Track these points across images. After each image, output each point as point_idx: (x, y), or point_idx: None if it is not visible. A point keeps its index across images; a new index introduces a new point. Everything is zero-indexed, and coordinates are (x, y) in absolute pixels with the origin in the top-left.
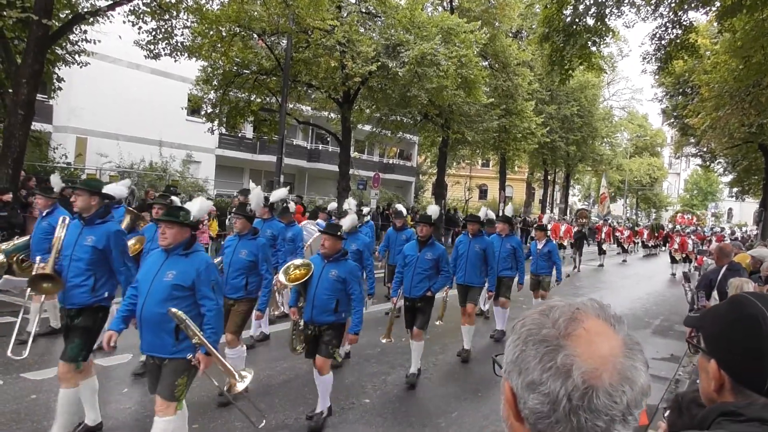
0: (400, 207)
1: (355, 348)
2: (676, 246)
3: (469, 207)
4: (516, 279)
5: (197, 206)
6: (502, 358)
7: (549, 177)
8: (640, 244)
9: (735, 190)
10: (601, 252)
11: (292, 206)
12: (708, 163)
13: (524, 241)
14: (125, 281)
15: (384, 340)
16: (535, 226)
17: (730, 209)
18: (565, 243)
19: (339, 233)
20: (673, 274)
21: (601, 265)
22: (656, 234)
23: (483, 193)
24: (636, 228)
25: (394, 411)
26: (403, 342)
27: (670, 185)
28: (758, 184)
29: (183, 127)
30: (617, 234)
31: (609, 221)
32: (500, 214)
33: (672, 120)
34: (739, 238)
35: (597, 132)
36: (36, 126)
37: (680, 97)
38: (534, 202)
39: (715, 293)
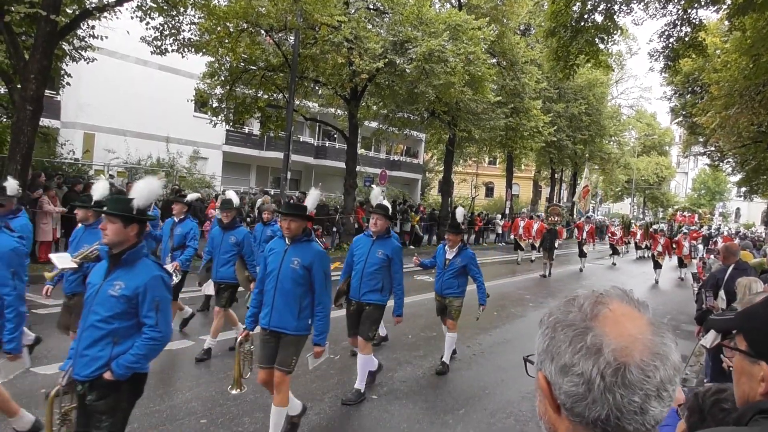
0: (230, 194)
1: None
2: (659, 249)
3: (475, 205)
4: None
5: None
6: (534, 357)
7: (556, 175)
8: (633, 245)
9: (743, 189)
10: (582, 254)
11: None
12: (716, 162)
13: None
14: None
15: (234, 391)
16: (450, 225)
17: (738, 209)
18: (536, 244)
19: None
20: (657, 281)
21: (581, 269)
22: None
23: (489, 191)
24: (630, 228)
25: (401, 408)
26: (410, 339)
27: (677, 184)
28: (767, 183)
29: (190, 124)
30: (608, 234)
31: (592, 218)
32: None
33: (680, 119)
34: (748, 237)
35: (605, 130)
36: (44, 122)
37: (689, 95)
38: (541, 201)
39: (722, 292)
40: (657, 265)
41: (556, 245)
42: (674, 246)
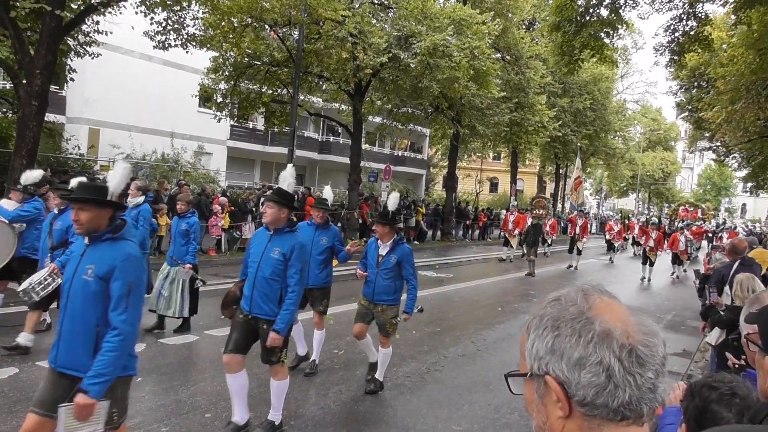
0: (81, 179)
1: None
2: (651, 244)
3: (479, 200)
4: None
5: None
6: (516, 371)
7: (560, 170)
8: (630, 240)
9: (749, 185)
10: (575, 251)
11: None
12: (722, 157)
13: (543, 240)
14: None
15: None
16: (378, 214)
17: (744, 204)
18: (515, 234)
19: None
20: (645, 279)
21: (574, 267)
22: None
23: (494, 187)
24: (627, 222)
25: (405, 403)
26: (413, 334)
27: (683, 180)
28: None
29: (195, 119)
30: (606, 230)
31: (586, 212)
32: (511, 205)
33: (686, 113)
34: (755, 232)
35: (610, 126)
36: (49, 117)
37: (695, 90)
38: (546, 195)
39: (727, 288)
40: (647, 261)
41: (549, 242)
42: (666, 240)
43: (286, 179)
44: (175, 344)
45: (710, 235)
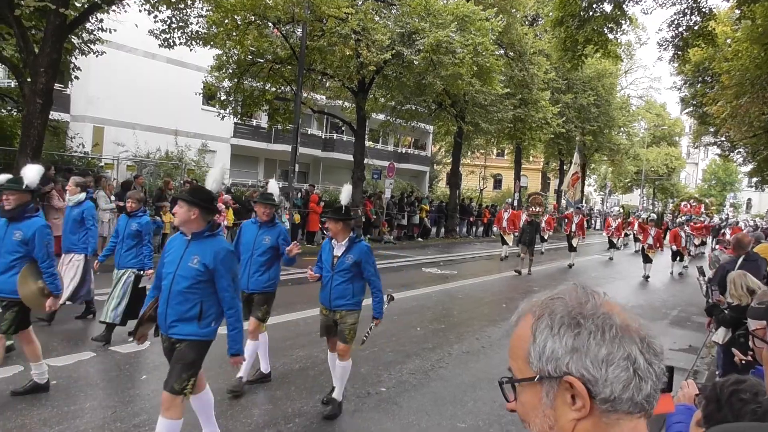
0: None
1: (370, 337)
2: (650, 241)
3: (483, 197)
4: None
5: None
6: (507, 376)
7: (564, 167)
8: (631, 236)
9: (755, 180)
10: (572, 248)
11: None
12: (727, 152)
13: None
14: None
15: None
16: (330, 209)
17: (750, 200)
18: (510, 234)
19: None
20: (645, 277)
21: (571, 265)
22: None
23: (498, 183)
24: (629, 218)
25: (409, 400)
26: (418, 331)
27: (688, 175)
28: None
29: (198, 117)
30: (605, 226)
31: (582, 209)
32: (512, 202)
33: (691, 108)
34: (761, 228)
35: (614, 121)
36: (54, 115)
37: (699, 85)
38: (549, 192)
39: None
40: (647, 259)
41: (546, 238)
42: (665, 236)
43: (214, 178)
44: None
45: (716, 229)
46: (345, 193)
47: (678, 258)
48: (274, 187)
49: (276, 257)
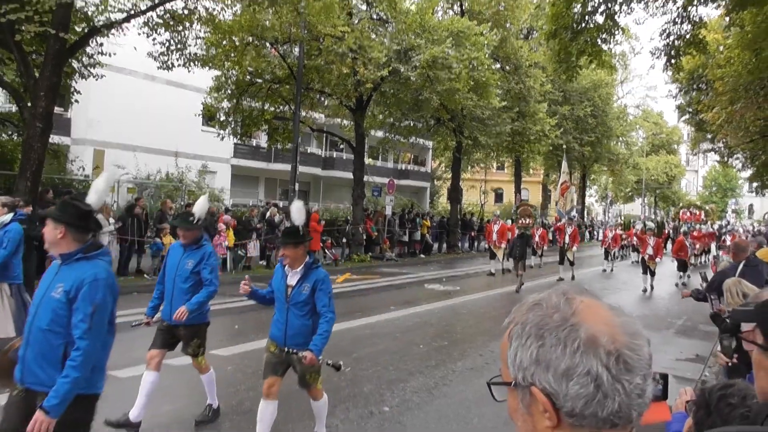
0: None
1: (372, 355)
2: (649, 251)
3: (484, 211)
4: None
5: None
6: (499, 379)
7: (570, 179)
8: (631, 248)
9: (755, 185)
10: (564, 261)
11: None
12: (725, 158)
13: (533, 252)
14: None
15: None
16: (283, 232)
17: (751, 205)
18: (501, 247)
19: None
20: (645, 290)
21: (561, 279)
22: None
23: (499, 197)
24: (626, 229)
25: (413, 419)
26: (421, 348)
27: (688, 182)
28: None
29: (198, 138)
30: (605, 237)
31: (574, 219)
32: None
33: (687, 116)
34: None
35: (611, 131)
36: (54, 139)
37: (694, 92)
38: (551, 204)
39: None
40: (648, 271)
41: (540, 252)
42: (665, 246)
43: (96, 189)
44: (182, 365)
45: (718, 236)
46: (297, 212)
47: (683, 268)
48: (200, 205)
49: (201, 284)
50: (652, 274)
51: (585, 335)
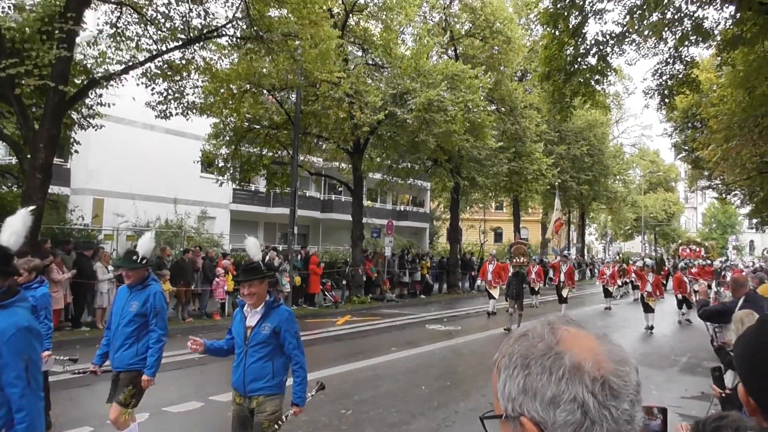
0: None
1: (374, 398)
2: (648, 288)
3: (484, 251)
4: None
5: None
6: (491, 413)
7: (563, 217)
8: (630, 285)
9: (755, 221)
10: (562, 300)
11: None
12: (723, 195)
13: (531, 291)
14: None
15: None
16: (242, 269)
17: (752, 241)
18: (497, 288)
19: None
20: (648, 328)
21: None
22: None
23: (498, 236)
24: (625, 266)
25: None
26: (423, 390)
27: (687, 220)
28: None
29: (197, 184)
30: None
31: (569, 256)
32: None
33: (683, 154)
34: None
35: (608, 170)
36: (54, 189)
37: (689, 130)
38: (550, 243)
39: (731, 325)
40: (647, 308)
41: (537, 290)
42: (665, 283)
43: (12, 230)
44: (179, 412)
45: (717, 272)
46: (253, 247)
47: (685, 305)
48: (144, 243)
49: (146, 326)
50: (652, 311)
51: (570, 362)
